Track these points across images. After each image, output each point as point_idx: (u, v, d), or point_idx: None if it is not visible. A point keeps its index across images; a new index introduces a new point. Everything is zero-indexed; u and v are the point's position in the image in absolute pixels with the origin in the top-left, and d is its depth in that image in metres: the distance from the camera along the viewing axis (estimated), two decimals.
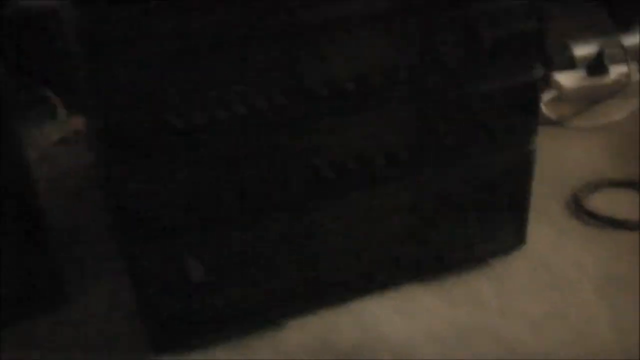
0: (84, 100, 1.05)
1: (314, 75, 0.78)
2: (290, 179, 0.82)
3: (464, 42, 0.84)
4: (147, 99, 0.73)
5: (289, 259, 0.88)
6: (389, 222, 0.91)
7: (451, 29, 0.82)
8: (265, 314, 0.91)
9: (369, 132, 0.84)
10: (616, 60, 1.42)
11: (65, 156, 1.33)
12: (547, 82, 1.42)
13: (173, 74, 0.73)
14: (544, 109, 1.35)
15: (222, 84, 0.75)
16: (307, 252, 0.88)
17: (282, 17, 0.74)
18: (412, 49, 0.81)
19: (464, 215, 0.95)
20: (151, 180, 0.77)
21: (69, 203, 1.18)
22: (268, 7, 0.73)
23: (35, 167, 0.98)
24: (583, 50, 1.45)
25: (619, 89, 1.39)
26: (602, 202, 1.12)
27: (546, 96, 1.39)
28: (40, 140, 1.37)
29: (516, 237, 1.00)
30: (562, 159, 1.24)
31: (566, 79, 1.42)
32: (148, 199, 0.78)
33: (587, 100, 1.37)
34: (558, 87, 1.41)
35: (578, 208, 1.11)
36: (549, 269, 1.01)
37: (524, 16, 0.86)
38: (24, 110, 1.36)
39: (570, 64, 1.45)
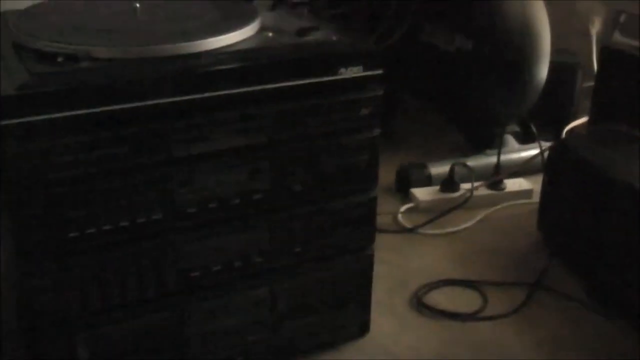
0: None
1: (185, 197, 0.96)
2: (165, 279, 0.99)
3: (308, 171, 1.04)
4: (50, 216, 0.89)
5: (162, 343, 1.03)
6: (248, 314, 1.08)
7: (297, 161, 1.02)
8: None
9: (231, 242, 1.02)
10: (465, 179, 1.69)
11: None
12: (406, 196, 1.68)
13: (71, 196, 0.90)
14: (400, 218, 1.60)
15: (112, 203, 0.92)
16: (178, 337, 1.04)
17: (162, 153, 0.93)
18: (264, 177, 1.01)
19: (314, 308, 1.13)
20: (50, 282, 0.92)
21: None
22: (150, 145, 0.92)
23: None
24: (438, 169, 1.73)
25: (465, 202, 1.65)
26: (440, 298, 1.34)
27: (403, 208, 1.64)
28: None
29: (361, 327, 1.19)
30: (410, 261, 1.46)
31: (422, 193, 1.67)
32: (47, 296, 0.93)
33: (439, 211, 1.62)
34: (415, 200, 1.66)
35: (419, 303, 1.33)
36: (389, 352, 1.20)
37: (358, 150, 1.06)
38: None
39: (427, 180, 1.72)
